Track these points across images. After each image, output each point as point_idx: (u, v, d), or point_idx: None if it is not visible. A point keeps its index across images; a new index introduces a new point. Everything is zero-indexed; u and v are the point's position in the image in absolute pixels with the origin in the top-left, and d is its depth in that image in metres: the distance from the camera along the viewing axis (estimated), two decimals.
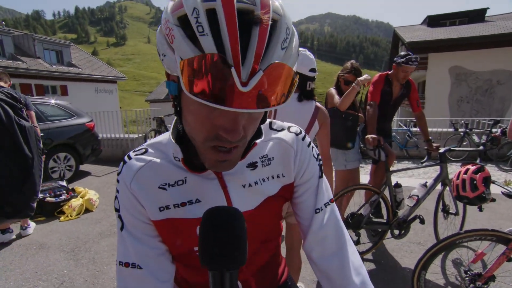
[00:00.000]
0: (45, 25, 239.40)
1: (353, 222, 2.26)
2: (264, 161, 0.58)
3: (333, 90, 2.54)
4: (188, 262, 0.60)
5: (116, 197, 0.56)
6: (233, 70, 0.35)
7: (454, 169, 2.30)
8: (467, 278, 1.59)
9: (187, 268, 0.62)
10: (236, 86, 0.35)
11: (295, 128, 0.64)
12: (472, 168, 1.67)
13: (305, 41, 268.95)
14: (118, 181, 0.56)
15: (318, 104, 1.59)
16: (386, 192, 2.29)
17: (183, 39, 0.38)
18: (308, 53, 1.62)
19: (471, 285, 1.57)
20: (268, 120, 0.62)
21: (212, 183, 0.55)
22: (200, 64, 0.35)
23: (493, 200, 1.67)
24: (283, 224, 1.34)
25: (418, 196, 2.19)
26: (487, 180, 1.62)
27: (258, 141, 0.54)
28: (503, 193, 1.57)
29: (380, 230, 2.35)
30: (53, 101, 4.85)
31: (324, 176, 0.66)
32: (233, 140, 0.42)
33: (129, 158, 0.56)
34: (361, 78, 2.25)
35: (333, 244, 0.62)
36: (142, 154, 0.56)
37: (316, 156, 0.64)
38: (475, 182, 1.62)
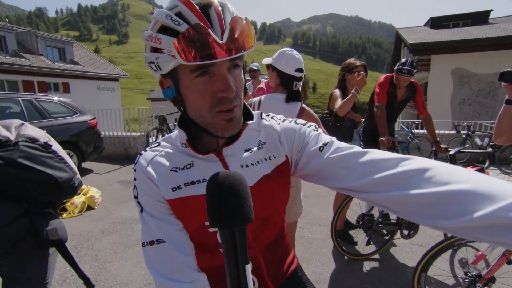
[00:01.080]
0: (48, 22, 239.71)
1: (364, 223, 2.28)
2: (258, 145, 0.67)
3: (337, 92, 2.49)
4: (201, 241, 0.64)
5: (134, 186, 0.63)
6: (209, 30, 0.49)
7: None
8: (467, 280, 1.60)
9: (200, 252, 0.65)
10: (216, 40, 0.49)
11: (276, 117, 0.74)
12: (473, 170, 1.68)
13: (307, 41, 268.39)
14: (135, 170, 0.64)
15: (304, 106, 1.58)
16: None
17: (168, 36, 0.51)
18: (294, 52, 1.60)
19: (472, 287, 1.58)
20: (259, 112, 0.72)
21: (216, 165, 0.63)
22: (186, 37, 0.48)
23: None
24: None
25: None
26: None
27: (249, 122, 0.64)
28: None
29: (389, 230, 2.38)
30: (56, 98, 4.87)
31: (321, 131, 0.68)
32: (230, 96, 0.54)
33: (145, 151, 0.67)
34: (358, 83, 2.17)
35: (370, 163, 0.54)
36: (155, 147, 0.67)
37: (302, 124, 0.70)
38: None
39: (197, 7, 0.50)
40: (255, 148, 0.65)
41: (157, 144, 0.67)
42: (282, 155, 0.67)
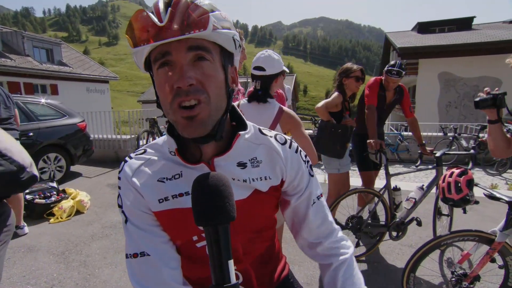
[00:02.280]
0: (35, 22, 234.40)
1: (353, 224, 2.31)
2: (253, 162, 0.63)
3: (336, 94, 2.50)
4: (189, 254, 0.63)
5: (118, 195, 0.61)
6: (150, 14, 0.49)
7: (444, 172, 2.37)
8: (453, 279, 1.64)
9: (188, 263, 0.65)
10: (156, 23, 0.48)
11: (280, 137, 0.68)
12: (456, 171, 1.72)
13: (298, 44, 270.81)
14: (119, 178, 0.61)
15: (283, 107, 1.50)
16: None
17: None
18: (267, 53, 1.56)
19: (458, 285, 1.62)
20: (256, 126, 0.68)
21: None
22: (130, 24, 0.50)
23: (477, 202, 1.72)
24: None
25: (415, 198, 2.25)
26: (471, 183, 1.67)
27: (242, 133, 0.60)
28: (485, 194, 1.63)
29: (378, 232, 2.41)
30: (43, 101, 4.76)
31: (314, 175, 0.71)
32: (183, 86, 0.49)
33: (130, 158, 0.63)
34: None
35: (325, 229, 0.71)
36: (141, 154, 0.63)
37: (304, 160, 0.69)
38: (459, 184, 1.67)
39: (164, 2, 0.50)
40: (248, 164, 0.62)
41: (142, 151, 0.63)
42: (279, 178, 0.65)
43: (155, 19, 0.48)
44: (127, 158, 0.63)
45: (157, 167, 0.60)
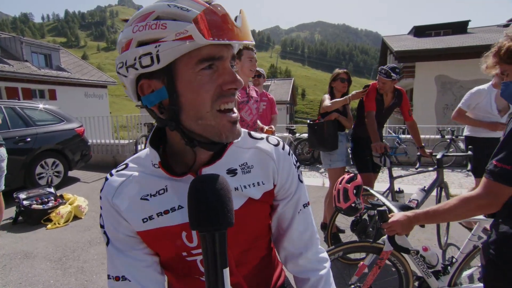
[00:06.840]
0: (33, 28, 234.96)
1: (358, 228, 2.32)
2: (244, 168, 0.60)
3: (326, 96, 2.78)
4: (179, 270, 0.61)
5: (100, 214, 0.59)
6: (227, 12, 0.46)
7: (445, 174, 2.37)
8: None
9: (179, 279, 0.63)
10: (235, 24, 0.47)
11: (272, 139, 0.66)
12: (346, 177, 1.61)
13: (296, 48, 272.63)
14: (100, 198, 0.58)
15: None
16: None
17: (175, 21, 0.45)
18: None
19: None
20: (246, 130, 0.65)
21: None
22: (205, 16, 0.45)
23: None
24: None
25: (417, 200, 2.25)
26: (358, 189, 1.56)
27: (235, 140, 0.57)
28: (366, 206, 1.53)
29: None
30: (41, 106, 4.76)
31: (303, 181, 0.70)
32: (238, 87, 0.51)
33: (111, 175, 0.59)
34: (353, 93, 2.59)
35: (307, 239, 0.69)
36: (122, 170, 0.59)
37: (295, 164, 0.68)
38: (347, 192, 1.55)
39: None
40: (239, 171, 0.59)
41: (124, 166, 0.60)
42: (271, 183, 0.63)
43: (233, 20, 0.47)
44: (108, 176, 0.59)
45: (140, 184, 0.56)
